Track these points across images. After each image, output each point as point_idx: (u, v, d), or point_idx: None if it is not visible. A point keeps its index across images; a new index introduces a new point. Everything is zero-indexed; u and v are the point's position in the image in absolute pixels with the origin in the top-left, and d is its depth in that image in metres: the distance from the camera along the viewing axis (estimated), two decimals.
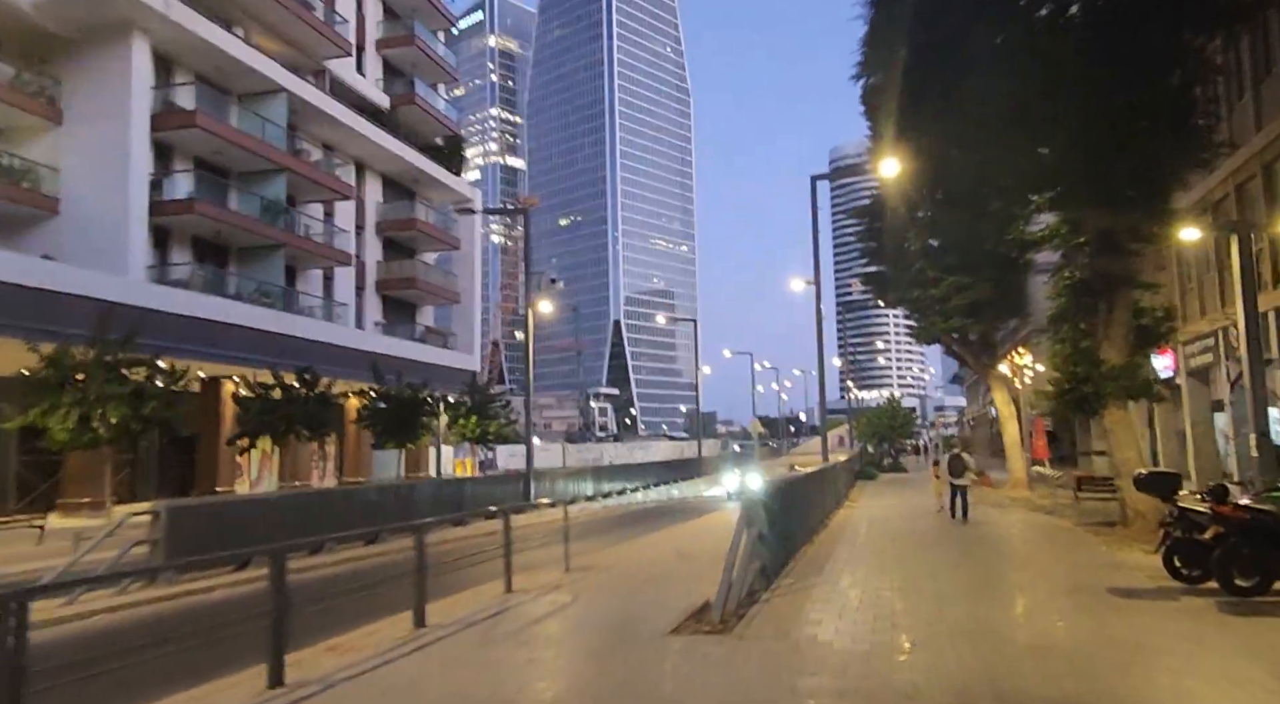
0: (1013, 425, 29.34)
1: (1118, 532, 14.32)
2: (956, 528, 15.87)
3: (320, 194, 34.95)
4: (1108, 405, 14.59)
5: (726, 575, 8.26)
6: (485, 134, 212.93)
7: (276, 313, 30.46)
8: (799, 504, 12.96)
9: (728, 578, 8.24)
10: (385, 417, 30.58)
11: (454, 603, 8.76)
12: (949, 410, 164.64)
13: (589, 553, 13.67)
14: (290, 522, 13.47)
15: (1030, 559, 11.21)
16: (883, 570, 10.36)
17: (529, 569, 11.59)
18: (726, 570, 8.28)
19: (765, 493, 9.85)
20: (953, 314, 27.38)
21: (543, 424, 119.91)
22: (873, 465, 42.42)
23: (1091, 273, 14.67)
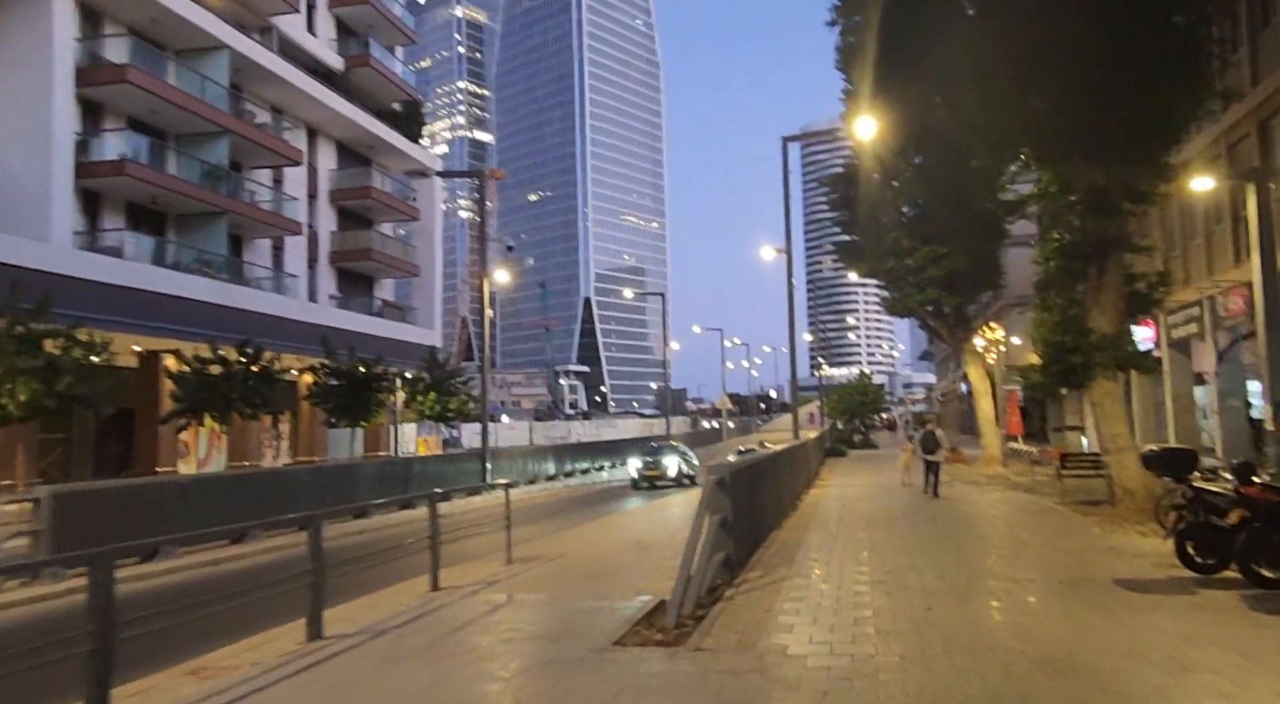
0: (987, 401, 28.59)
1: (1105, 511, 13.44)
2: (934, 508, 14.91)
3: (268, 159, 33.06)
4: (1096, 377, 13.66)
5: (684, 571, 7.11)
6: (453, 107, 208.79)
7: (219, 284, 28.73)
8: (768, 485, 11.87)
9: (685, 574, 7.09)
10: (337, 394, 29.07)
11: (367, 605, 7.54)
12: (917, 387, 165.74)
13: (539, 540, 12.51)
14: (205, 508, 12.16)
15: (1020, 545, 10.21)
16: (860, 560, 9.30)
17: (469, 560, 10.40)
18: (684, 566, 7.13)
19: (730, 475, 8.71)
20: (927, 285, 26.47)
21: (511, 401, 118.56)
22: (843, 442, 41.69)
23: (1082, 235, 13.66)
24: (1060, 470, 15.71)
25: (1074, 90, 11.51)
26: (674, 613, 6.55)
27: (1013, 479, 21.58)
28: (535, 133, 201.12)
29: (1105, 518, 12.66)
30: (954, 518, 13.49)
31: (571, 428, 73.70)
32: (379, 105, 41.74)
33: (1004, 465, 25.93)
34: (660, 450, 28.57)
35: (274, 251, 34.53)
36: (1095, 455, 15.80)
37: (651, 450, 29.00)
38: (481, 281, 26.30)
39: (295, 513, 14.90)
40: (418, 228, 45.11)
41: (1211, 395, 18.67)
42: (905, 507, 15.40)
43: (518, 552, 10.89)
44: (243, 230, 32.06)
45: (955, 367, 67.48)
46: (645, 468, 26.41)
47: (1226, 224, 17.33)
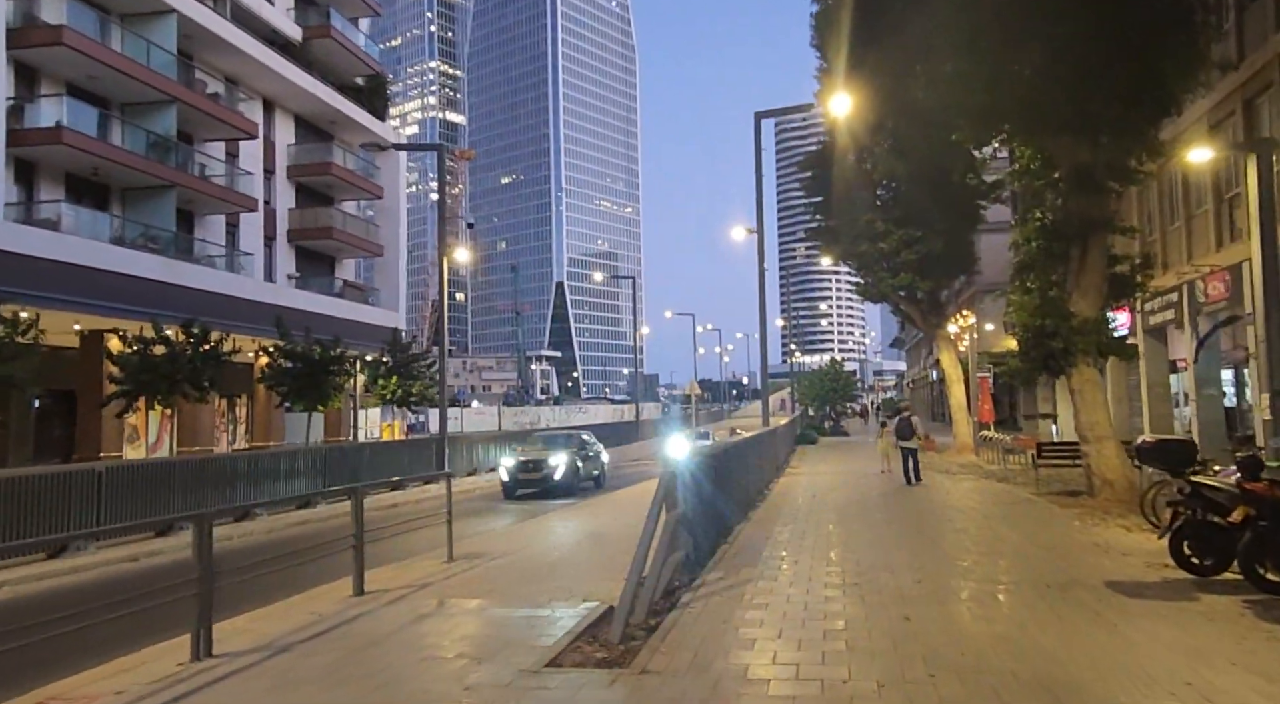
0: (959, 387, 28.17)
1: (1084, 502, 12.89)
2: (907, 499, 14.29)
3: (221, 131, 31.63)
4: (1077, 363, 13.06)
5: (633, 576, 6.33)
6: (424, 87, 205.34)
7: (166, 260, 27.43)
8: (734, 475, 11.14)
9: (634, 579, 6.31)
10: (291, 377, 27.93)
11: (276, 614, 6.67)
12: (888, 374, 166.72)
13: (490, 533, 11.69)
14: (125, 497, 11.19)
15: (1000, 541, 9.56)
16: (830, 558, 8.59)
17: (409, 556, 9.56)
18: (633, 569, 6.35)
19: (692, 464, 7.94)
20: (901, 270, 25.89)
21: (482, 386, 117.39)
22: (814, 429, 41.23)
23: (1064, 214, 13.01)
24: (1036, 460, 15.15)
25: (1062, 59, 10.82)
26: (620, 625, 5.77)
27: (985, 467, 21.10)
28: (508, 115, 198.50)
29: (1085, 510, 12.09)
30: (928, 509, 12.86)
31: (540, 414, 72.76)
32: (341, 79, 40.29)
33: (976, 453, 25.50)
34: (550, 444, 21.17)
35: (228, 228, 33.16)
36: (1072, 444, 15.25)
37: (538, 443, 21.86)
38: (442, 266, 25.15)
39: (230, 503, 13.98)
40: (382, 206, 43.80)
41: (1188, 383, 18.24)
42: (877, 496, 14.78)
43: (464, 547, 10.07)
44: (194, 205, 30.69)
45: (927, 354, 67.39)
46: (523, 469, 19.14)
47: (1208, 207, 16.83)
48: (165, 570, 10.05)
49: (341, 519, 15.07)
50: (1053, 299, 13.14)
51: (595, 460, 21.75)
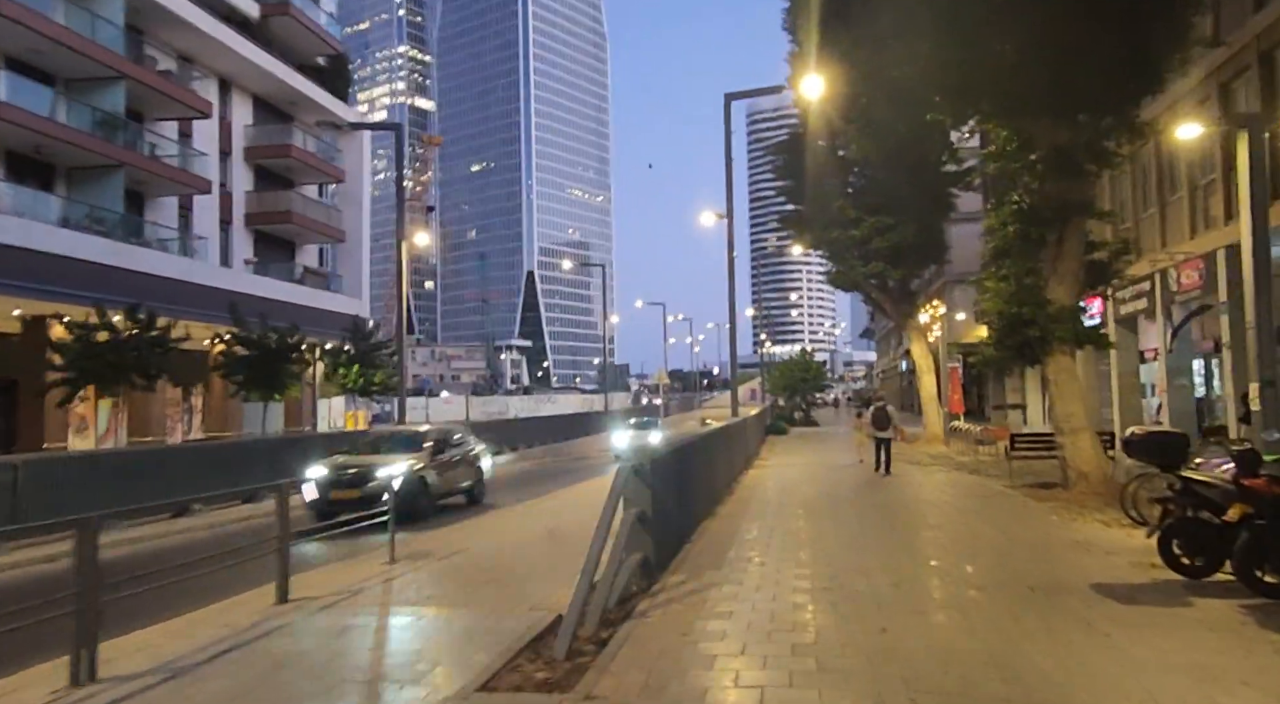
0: (930, 377, 27.91)
1: (1059, 495, 12.52)
2: (879, 493, 13.85)
3: (173, 110, 30.40)
4: (1053, 352, 12.67)
5: (584, 582, 5.74)
6: (392, 73, 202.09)
7: (113, 243, 26.28)
8: (700, 469, 10.58)
9: (585, 585, 5.72)
10: (246, 365, 26.95)
11: (186, 626, 5.98)
12: (858, 365, 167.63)
13: (441, 530, 11.02)
14: (37, 496, 10.36)
15: (977, 538, 9.10)
16: (800, 559, 8.05)
17: (349, 557, 8.88)
18: (583, 576, 5.76)
19: (651, 457, 7.35)
20: (873, 258, 25.51)
21: (451, 375, 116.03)
22: (784, 419, 40.89)
23: (1041, 198, 12.58)
24: (1010, 452, 14.79)
25: (1045, 34, 10.33)
26: (566, 641, 5.17)
27: (956, 459, 20.79)
28: (478, 102, 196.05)
29: (1061, 504, 11.71)
30: (901, 504, 12.41)
31: (510, 403, 71.89)
32: (301, 59, 39.05)
33: (946, 444, 25.24)
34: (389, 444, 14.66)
35: (182, 211, 31.98)
36: (1045, 435, 14.91)
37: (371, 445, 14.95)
38: (401, 250, 24.24)
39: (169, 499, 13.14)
40: (345, 191, 42.67)
41: (1159, 373, 18.01)
42: (848, 490, 14.32)
43: (410, 547, 9.41)
44: (144, 187, 29.49)
45: (897, 344, 67.51)
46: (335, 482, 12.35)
47: (1183, 194, 16.56)
48: None
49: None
50: (1029, 286, 12.73)
51: (464, 468, 15.02)
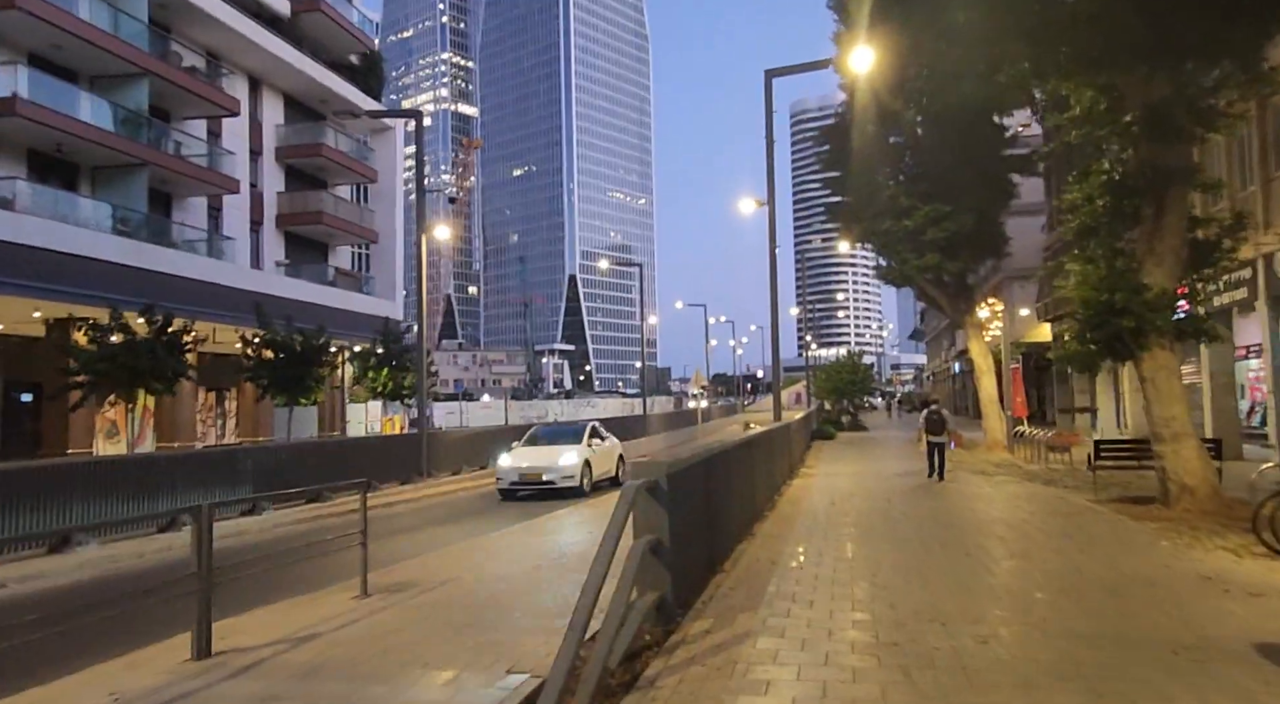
0: (990, 379, 25.89)
1: (1159, 513, 10.73)
2: (943, 510, 12.16)
3: (200, 108, 29.84)
4: (1150, 346, 10.89)
5: (572, 639, 4.30)
6: (436, 80, 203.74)
7: (137, 244, 25.69)
8: (734, 483, 9.06)
9: (574, 643, 4.27)
10: (270, 368, 26.10)
11: (73, 689, 4.67)
12: (906, 368, 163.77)
13: (437, 551, 9.65)
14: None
15: (1076, 572, 7.41)
16: (856, 598, 6.50)
17: (321, 586, 7.55)
18: (572, 629, 4.32)
19: (669, 471, 5.87)
20: (927, 250, 23.64)
21: (493, 380, 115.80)
22: (831, 424, 39.02)
23: (1136, 166, 10.80)
24: (1094, 460, 12.97)
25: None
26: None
27: (1024, 468, 18.91)
28: (520, 106, 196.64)
29: (1165, 524, 9.94)
30: (971, 523, 10.73)
31: (549, 407, 70.82)
32: (333, 57, 38.47)
33: (1010, 451, 23.27)
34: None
35: (211, 212, 31.43)
36: (1137, 443, 13.08)
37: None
38: (423, 247, 23.11)
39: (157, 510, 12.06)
40: (377, 190, 42.01)
41: (1266, 374, 15.95)
42: (906, 504, 12.65)
43: (395, 574, 8.07)
44: (171, 187, 28.96)
45: (949, 345, 64.90)
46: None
47: None
48: None
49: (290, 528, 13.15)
50: (1120, 269, 10.96)
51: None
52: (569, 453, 17.14)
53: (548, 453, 17.20)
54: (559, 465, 16.67)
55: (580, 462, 16.95)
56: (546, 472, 16.54)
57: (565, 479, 16.50)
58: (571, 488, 16.43)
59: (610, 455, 18.96)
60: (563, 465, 16.70)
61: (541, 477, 16.48)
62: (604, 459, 18.37)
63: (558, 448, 17.44)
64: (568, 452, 17.18)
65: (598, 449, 18.20)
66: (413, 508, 16.02)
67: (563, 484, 16.39)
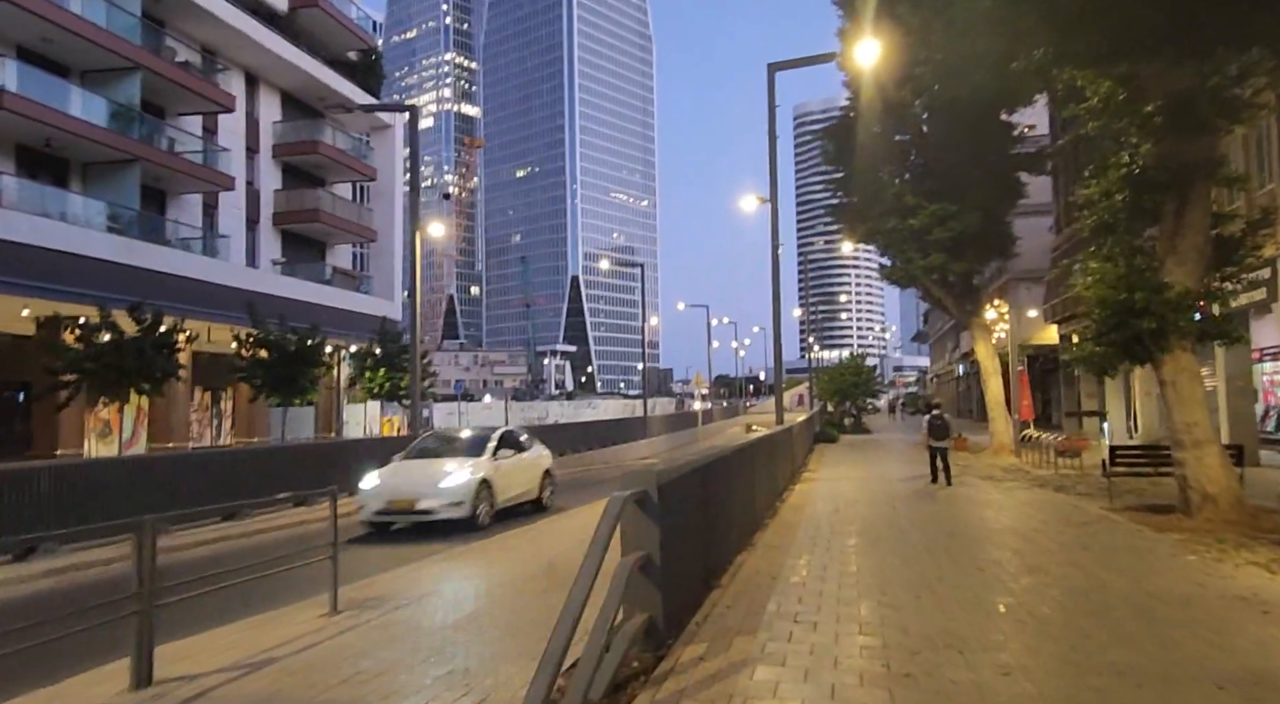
0: (996, 381, 25.39)
1: (1180, 524, 10.21)
2: (953, 519, 11.66)
3: (194, 104, 29.40)
4: (1172, 347, 10.38)
5: (547, 669, 3.82)
6: (439, 80, 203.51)
7: (128, 241, 25.25)
8: (734, 490, 8.56)
9: (547, 679, 3.79)
10: (264, 368, 25.67)
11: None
12: (908, 370, 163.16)
13: (409, 569, 9.13)
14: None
15: (1102, 590, 6.90)
16: (863, 620, 6.00)
17: (292, 598, 7.06)
18: (546, 661, 3.85)
19: (659, 481, 5.38)
20: (932, 250, 23.15)
21: (494, 380, 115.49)
22: (834, 426, 38.50)
23: (1157, 159, 10.30)
24: (1109, 467, 12.46)
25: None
26: None
27: (1033, 473, 18.40)
28: (523, 107, 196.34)
29: (1189, 536, 9.43)
30: (983, 532, 10.23)
31: (549, 408, 70.44)
32: (332, 54, 38.05)
33: (1017, 455, 22.74)
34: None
35: (206, 209, 30.98)
36: (1155, 449, 12.58)
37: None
38: (416, 244, 22.63)
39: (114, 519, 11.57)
40: (377, 189, 41.60)
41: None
42: (914, 511, 12.15)
43: (373, 586, 7.59)
44: (165, 183, 28.52)
45: (953, 347, 64.35)
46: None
47: None
48: None
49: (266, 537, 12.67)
50: (1141, 268, 10.46)
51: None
52: (459, 471, 12.66)
53: (429, 471, 12.83)
54: (441, 489, 12.32)
55: (473, 482, 12.54)
56: (423, 498, 12.20)
57: (450, 507, 12.17)
58: (458, 520, 12.12)
59: (530, 471, 14.62)
60: (446, 488, 12.33)
61: (415, 504, 12.19)
62: (517, 476, 14.06)
63: (444, 463, 13.05)
64: (458, 469, 12.73)
65: (507, 464, 13.68)
66: None
67: (446, 515, 12.11)
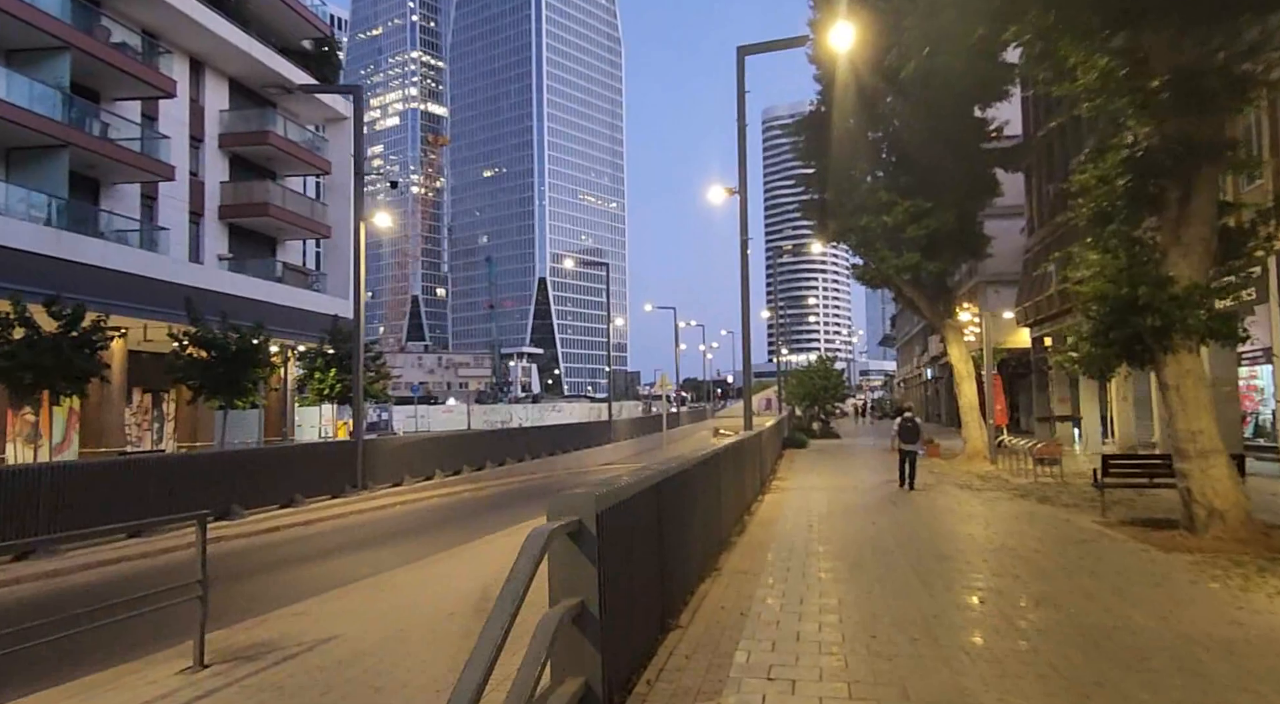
0: (970, 385, 24.57)
1: (1187, 542, 9.28)
2: (939, 535, 10.65)
3: (133, 89, 27.72)
4: (1176, 348, 9.47)
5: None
6: (405, 78, 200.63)
7: (55, 232, 23.58)
8: (696, 508, 7.43)
9: None
10: (201, 368, 24.09)
11: None
12: (874, 374, 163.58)
13: (320, 597, 7.87)
14: None
15: (1128, 630, 5.87)
16: (857, 679, 4.89)
17: (161, 643, 5.79)
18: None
19: (599, 506, 4.22)
20: (907, 249, 22.30)
21: (459, 383, 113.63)
22: (803, 431, 37.62)
23: (1161, 140, 9.38)
24: (1102, 479, 11.54)
25: None
26: None
27: (1011, 481, 17.54)
28: (491, 107, 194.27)
29: (1199, 557, 8.49)
30: (974, 553, 9.21)
31: (513, 411, 68.90)
32: (285, 42, 36.46)
33: (993, 462, 21.94)
34: None
35: (145, 201, 29.28)
36: (1151, 459, 11.70)
37: None
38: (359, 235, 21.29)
39: None
40: (331, 184, 39.98)
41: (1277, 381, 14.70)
42: (895, 528, 11.12)
43: (264, 627, 6.33)
44: (98, 171, 26.81)
45: (920, 351, 63.98)
46: None
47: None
48: None
49: (173, 557, 11.32)
50: (1142, 260, 9.53)
51: None
52: None
53: None
54: None
55: None
56: None
57: None
58: None
59: None
60: None
61: None
62: None
63: None
64: None
65: None
66: (338, 526, 14.23)
67: None
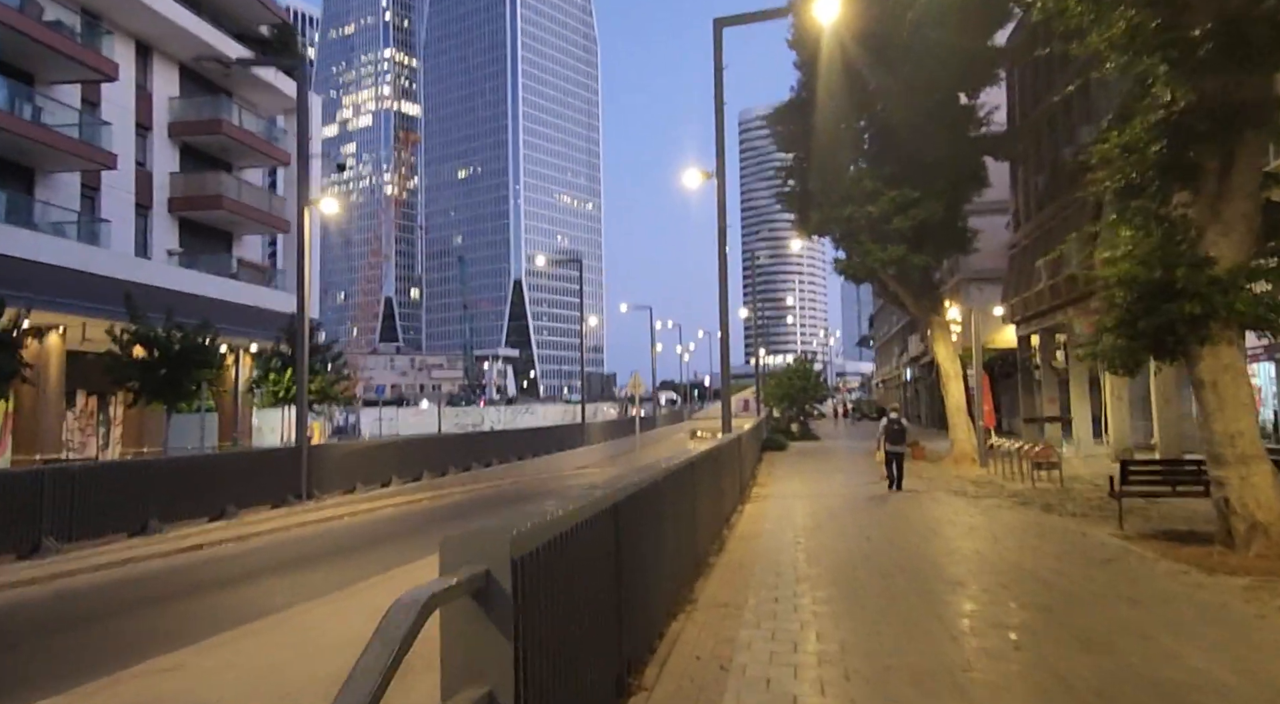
0: (957, 385, 23.48)
1: (1223, 559, 8.11)
2: (943, 552, 9.41)
3: (71, 72, 25.98)
4: (1213, 339, 8.30)
5: None
6: (378, 77, 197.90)
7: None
8: (665, 530, 6.09)
9: None
10: (140, 369, 22.48)
11: None
12: (851, 375, 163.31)
13: (196, 647, 6.42)
14: None
15: (1211, 689, 4.65)
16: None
17: None
18: None
19: (525, 547, 2.87)
20: (893, 241, 21.17)
21: (432, 385, 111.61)
22: (782, 433, 36.45)
23: (1200, 101, 8.20)
24: (1120, 487, 10.36)
25: None
26: None
27: (1007, 486, 16.40)
28: (465, 106, 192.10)
29: (1250, 579, 7.31)
30: (990, 576, 7.97)
31: (485, 414, 67.27)
32: (241, 28, 34.73)
33: (983, 466, 20.82)
34: None
35: (85, 191, 27.50)
36: (1177, 465, 10.55)
37: None
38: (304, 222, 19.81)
39: None
40: (291, 176, 38.23)
41: None
42: (893, 544, 9.87)
43: (109, 694, 4.91)
44: (31, 159, 25.06)
45: (900, 352, 63.14)
46: None
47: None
48: None
49: None
50: (1176, 239, 8.36)
51: None
52: None
53: None
54: None
55: None
56: None
57: None
58: None
59: None
60: None
61: None
62: None
63: None
64: None
65: None
66: (271, 541, 12.76)
67: None
